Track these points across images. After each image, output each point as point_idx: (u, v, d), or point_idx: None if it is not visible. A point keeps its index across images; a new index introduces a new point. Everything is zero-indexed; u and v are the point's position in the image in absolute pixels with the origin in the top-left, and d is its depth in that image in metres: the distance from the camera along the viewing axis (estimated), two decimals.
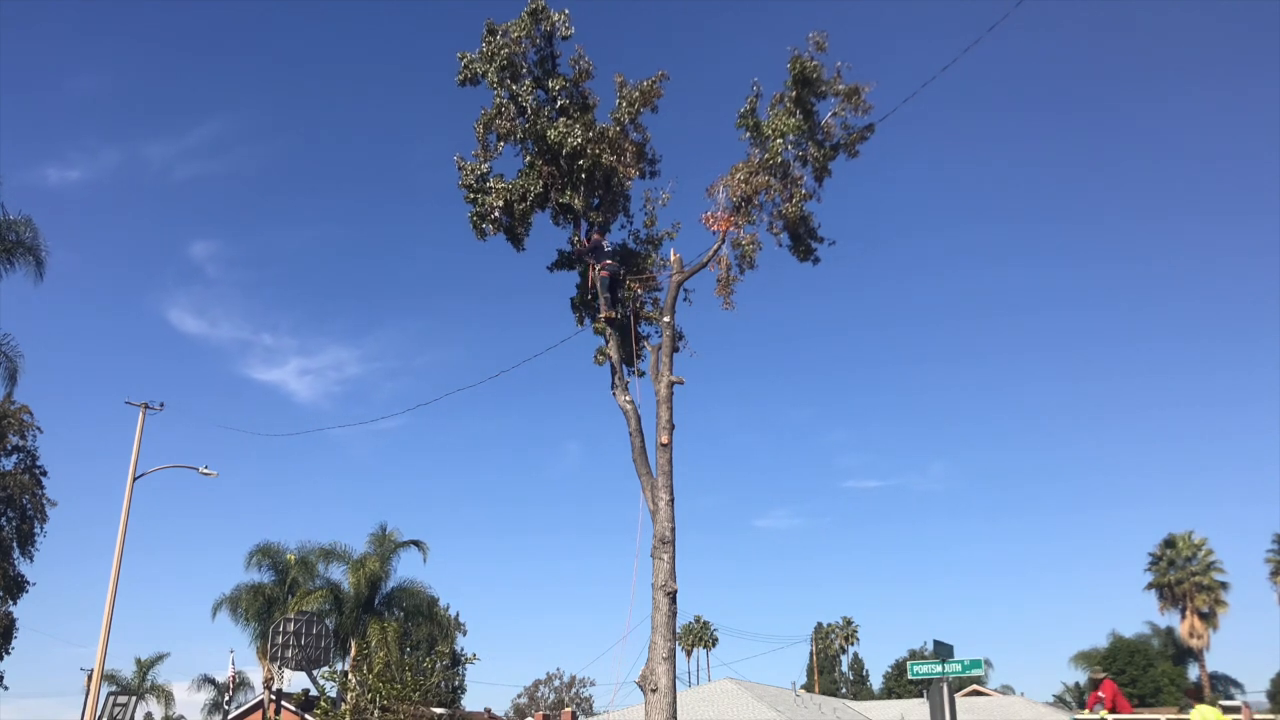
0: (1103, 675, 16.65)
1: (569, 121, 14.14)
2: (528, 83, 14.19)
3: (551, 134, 14.04)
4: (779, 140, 14.25)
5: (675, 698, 12.44)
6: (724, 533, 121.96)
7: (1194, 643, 56.90)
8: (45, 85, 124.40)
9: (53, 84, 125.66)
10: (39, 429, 36.80)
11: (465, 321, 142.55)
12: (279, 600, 37.67)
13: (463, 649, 56.86)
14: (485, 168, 14.53)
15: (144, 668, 47.71)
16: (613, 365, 14.54)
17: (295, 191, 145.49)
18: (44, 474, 37.07)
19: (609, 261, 14.54)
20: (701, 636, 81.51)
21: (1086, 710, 17.05)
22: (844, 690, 77.71)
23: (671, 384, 13.91)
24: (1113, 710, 16.61)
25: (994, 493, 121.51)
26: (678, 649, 15.08)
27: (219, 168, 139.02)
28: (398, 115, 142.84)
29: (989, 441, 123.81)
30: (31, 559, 36.11)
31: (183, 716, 51.59)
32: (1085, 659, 62.84)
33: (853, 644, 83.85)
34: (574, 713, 51.50)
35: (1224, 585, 56.35)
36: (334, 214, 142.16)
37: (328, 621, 31.69)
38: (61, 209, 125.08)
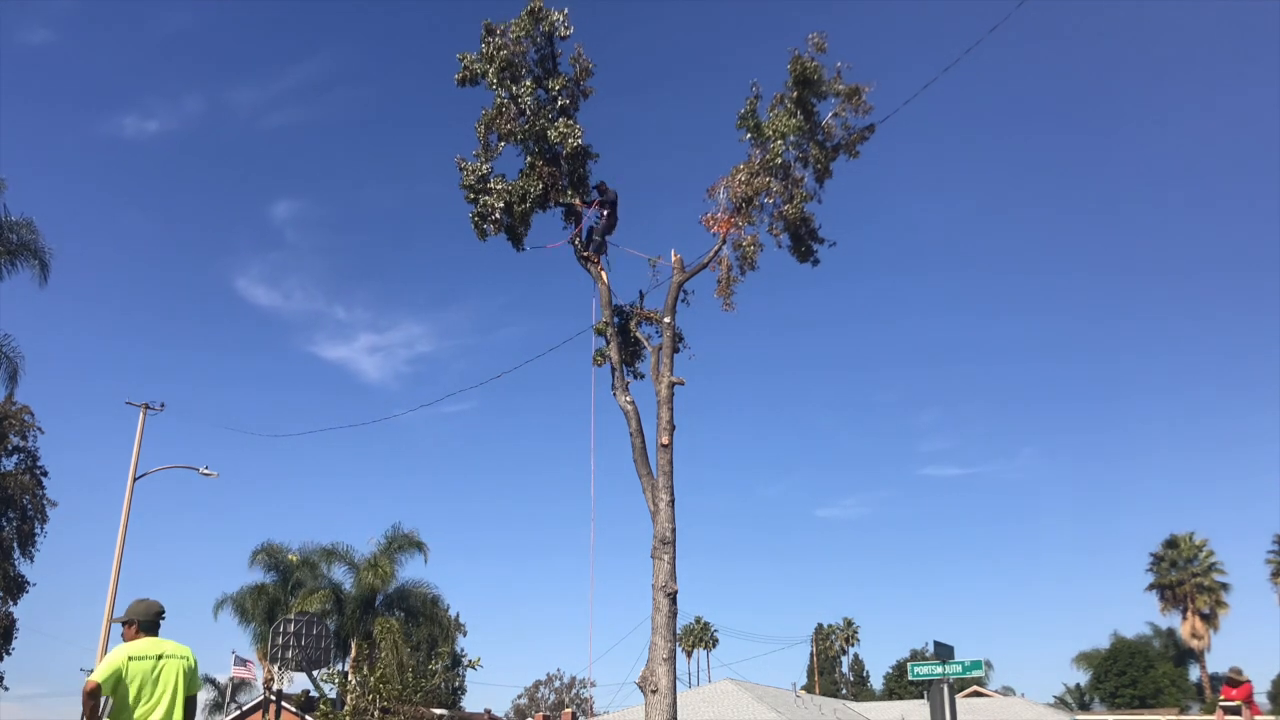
0: (1245, 679, 16.94)
1: (569, 121, 14.17)
2: (528, 83, 14.20)
3: (552, 134, 14.08)
4: (780, 141, 14.26)
5: (675, 699, 12.44)
6: (780, 525, 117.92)
7: (1195, 644, 56.90)
8: (129, 25, 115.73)
9: (136, 24, 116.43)
10: (40, 430, 36.85)
11: (547, 297, 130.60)
12: (281, 601, 37.67)
13: (463, 650, 56.96)
14: (486, 168, 14.54)
15: None
16: (613, 366, 14.54)
17: (390, 143, 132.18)
18: (44, 474, 37.11)
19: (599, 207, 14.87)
20: (702, 637, 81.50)
21: (1222, 697, 17.35)
22: (844, 691, 77.71)
23: (672, 385, 13.92)
24: (1245, 702, 16.76)
25: (1069, 484, 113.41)
26: (678, 650, 15.09)
27: (311, 116, 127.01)
28: None
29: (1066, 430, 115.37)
30: (32, 559, 36.18)
31: None
32: (1086, 659, 62.86)
33: (853, 645, 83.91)
34: (574, 713, 51.49)
35: (1225, 586, 56.43)
36: (428, 169, 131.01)
37: (328, 622, 31.71)
38: (136, 164, 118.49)
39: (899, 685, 66.62)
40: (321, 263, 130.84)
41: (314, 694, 31.84)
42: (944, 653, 18.96)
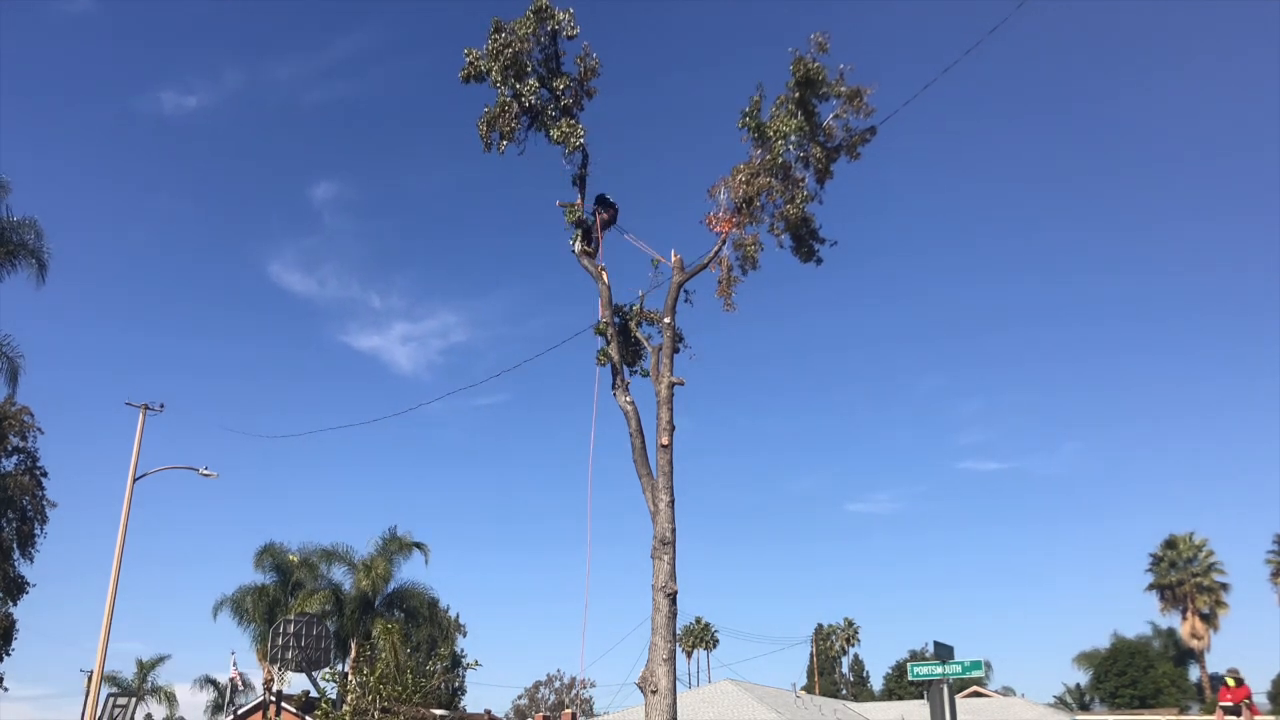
0: (1242, 679, 17.01)
1: (571, 121, 14.17)
2: (532, 81, 14.20)
3: (554, 134, 14.09)
4: (781, 141, 14.24)
5: (675, 699, 12.43)
6: (806, 520, 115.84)
7: (1195, 644, 56.88)
8: None
9: None
10: (40, 430, 36.75)
11: (579, 287, 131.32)
12: (281, 601, 37.64)
13: (463, 650, 56.93)
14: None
15: (145, 669, 47.71)
16: (614, 365, 14.53)
17: (434, 122, 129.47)
18: (44, 475, 37.01)
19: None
20: (702, 637, 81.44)
21: (1220, 700, 17.39)
22: (844, 692, 77.68)
23: (672, 385, 13.91)
24: (1244, 704, 16.79)
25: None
26: (678, 650, 15.09)
27: (353, 91, 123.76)
28: None
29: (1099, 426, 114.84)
30: (32, 560, 36.06)
31: (182, 718, 51.63)
32: (1086, 659, 62.84)
33: (853, 645, 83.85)
34: (574, 714, 51.42)
35: (1224, 586, 56.44)
36: (472, 150, 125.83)
37: (328, 623, 31.71)
38: (171, 143, 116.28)
39: (899, 685, 66.57)
40: (358, 248, 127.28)
41: (314, 694, 31.82)
42: (944, 653, 18.95)
